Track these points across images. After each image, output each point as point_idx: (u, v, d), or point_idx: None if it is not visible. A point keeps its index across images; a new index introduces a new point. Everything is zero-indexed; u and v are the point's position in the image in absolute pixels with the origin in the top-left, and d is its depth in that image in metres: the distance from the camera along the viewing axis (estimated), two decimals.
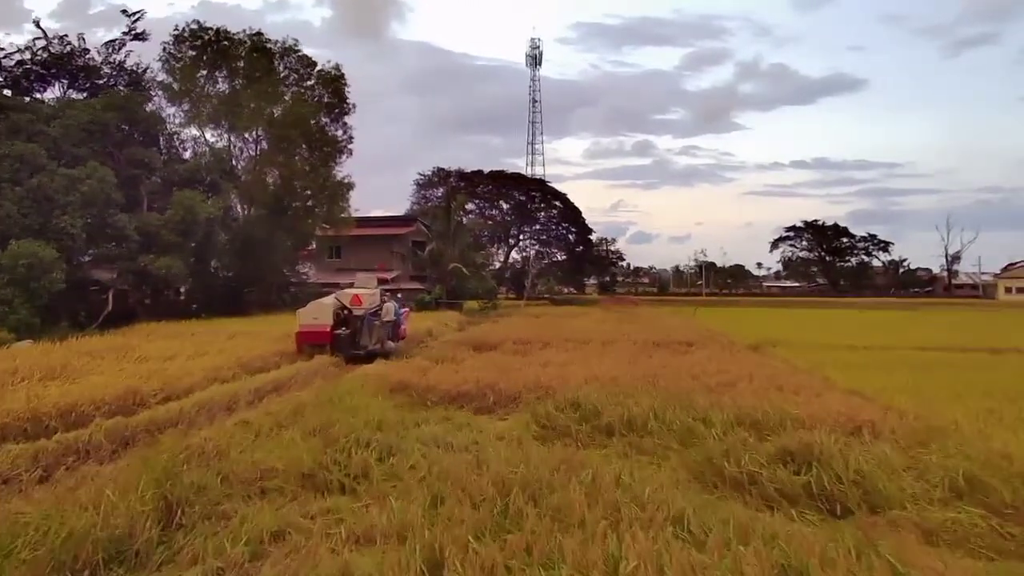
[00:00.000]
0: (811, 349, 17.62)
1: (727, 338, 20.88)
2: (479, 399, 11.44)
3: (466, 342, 20.42)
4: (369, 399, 11.03)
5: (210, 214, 28.10)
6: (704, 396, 9.83)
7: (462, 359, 15.91)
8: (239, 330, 21.88)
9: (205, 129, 35.64)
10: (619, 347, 17.77)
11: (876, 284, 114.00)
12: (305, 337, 17.62)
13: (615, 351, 16.86)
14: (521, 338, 20.35)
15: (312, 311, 18.00)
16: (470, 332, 25.40)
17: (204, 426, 9.88)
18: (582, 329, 23.73)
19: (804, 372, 13.30)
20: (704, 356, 15.76)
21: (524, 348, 18.00)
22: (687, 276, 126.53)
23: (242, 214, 36.66)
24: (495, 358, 15.77)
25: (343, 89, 37.11)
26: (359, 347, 17.95)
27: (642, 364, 14.34)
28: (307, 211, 37.27)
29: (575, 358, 15.49)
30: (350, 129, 38.09)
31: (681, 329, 23.99)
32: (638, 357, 15.73)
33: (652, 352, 16.91)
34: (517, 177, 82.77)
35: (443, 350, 17.78)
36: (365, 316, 18.30)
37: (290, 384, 13.61)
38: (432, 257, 44.06)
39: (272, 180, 36.18)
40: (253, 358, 15.54)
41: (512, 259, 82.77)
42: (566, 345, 18.58)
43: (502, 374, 12.80)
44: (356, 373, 14.40)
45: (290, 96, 35.93)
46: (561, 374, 12.73)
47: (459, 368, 13.92)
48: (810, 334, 23.21)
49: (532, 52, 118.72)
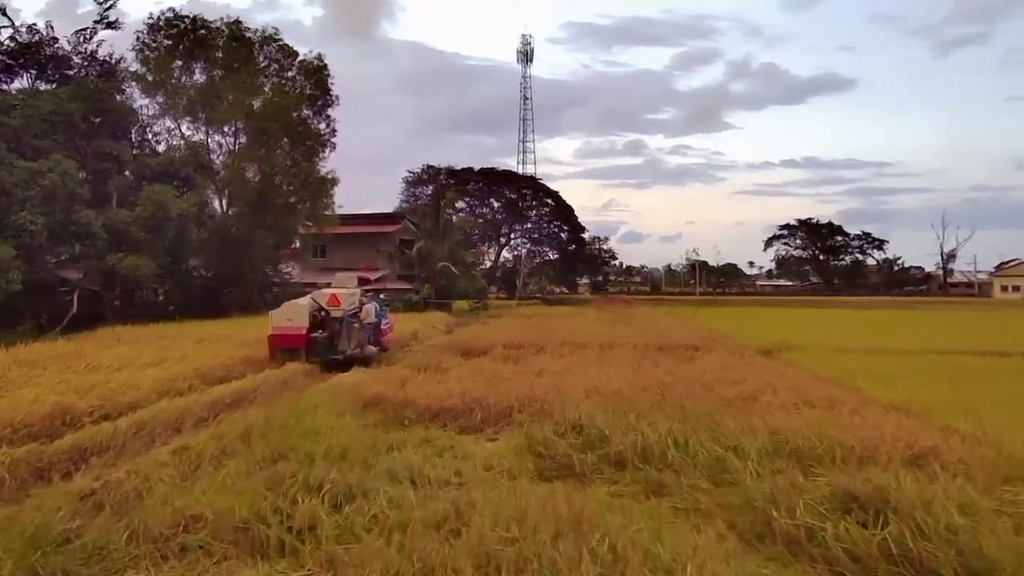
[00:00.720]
0: (827, 354, 16.21)
1: (733, 341, 19.48)
2: (465, 416, 9.97)
3: (453, 346, 18.94)
4: (337, 418, 9.57)
5: (183, 210, 26.48)
6: (727, 414, 8.38)
7: (448, 367, 14.44)
8: (210, 333, 20.33)
9: (181, 122, 33.99)
10: (619, 352, 16.32)
11: (870, 283, 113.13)
12: (278, 341, 16.09)
13: (615, 357, 15.42)
14: (512, 342, 18.89)
15: (286, 312, 16.47)
16: (458, 335, 23.92)
17: (138, 452, 8.39)
18: (577, 331, 22.28)
19: (831, 382, 11.87)
20: (713, 362, 14.34)
21: (516, 353, 16.53)
22: (681, 275, 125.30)
23: (221, 211, 35.02)
24: (484, 365, 14.30)
25: (326, 80, 35.47)
26: (337, 351, 16.48)
27: (647, 372, 12.91)
28: (289, 208, 35.56)
29: (572, 365, 14.03)
30: (334, 122, 36.56)
31: (682, 331, 22.58)
32: (641, 364, 14.29)
33: (656, 358, 15.47)
34: (508, 175, 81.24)
35: (427, 356, 16.29)
36: (344, 318, 16.78)
37: (253, 397, 12.10)
38: (420, 256, 42.49)
39: (252, 175, 34.52)
40: (216, 366, 14.02)
41: (503, 258, 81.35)
42: (561, 350, 17.13)
43: (491, 385, 11.36)
44: (328, 384, 12.92)
45: (270, 87, 34.27)
46: (557, 385, 11.28)
47: (443, 378, 12.45)
48: (819, 336, 21.85)
49: (523, 48, 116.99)
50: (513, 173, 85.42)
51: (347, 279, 19.07)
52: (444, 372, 13.46)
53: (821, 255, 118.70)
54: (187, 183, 29.31)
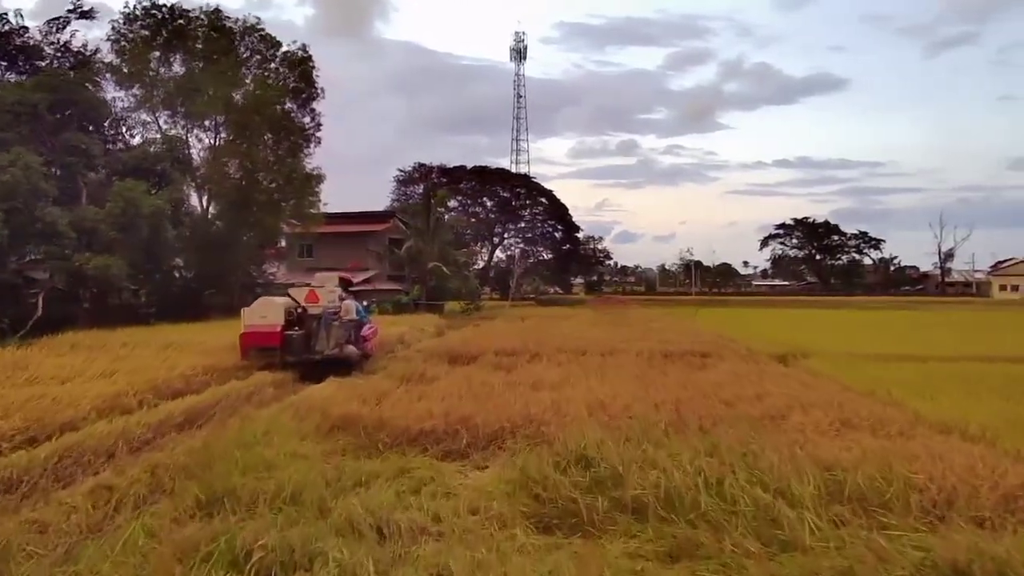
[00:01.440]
0: (847, 360, 14.83)
1: (741, 346, 18.12)
2: (450, 439, 8.57)
3: (441, 352, 17.54)
4: (298, 442, 8.17)
5: (156, 207, 24.94)
6: (763, 440, 7.00)
7: (433, 376, 13.02)
8: (181, 338, 18.76)
9: (159, 116, 32.29)
10: (622, 359, 14.93)
11: (866, 282, 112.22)
12: (251, 339, 14.81)
13: (618, 365, 14.03)
14: (505, 347, 17.50)
15: (259, 309, 15.17)
16: (447, 339, 22.51)
17: (50, 490, 6.96)
18: (575, 335, 20.88)
19: (864, 395, 10.50)
20: (727, 372, 12.97)
21: (509, 361, 15.13)
22: (677, 275, 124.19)
23: (201, 208, 33.45)
24: (473, 375, 12.88)
25: (311, 72, 33.85)
26: (314, 351, 15.04)
27: (656, 384, 11.52)
28: (273, 205, 33.88)
29: (571, 375, 12.64)
30: (319, 116, 34.87)
31: (686, 334, 21.21)
32: (648, 373, 12.92)
33: (663, 366, 14.09)
34: (501, 173, 79.78)
35: (412, 364, 14.87)
36: (323, 315, 15.36)
37: (209, 414, 10.67)
38: (410, 256, 40.99)
39: (233, 171, 32.95)
40: (174, 378, 12.54)
41: (496, 258, 79.87)
42: (559, 356, 15.72)
43: (481, 401, 9.96)
44: (297, 398, 11.48)
45: (252, 79, 32.70)
46: (556, 401, 9.89)
47: (427, 391, 11.02)
48: (830, 339, 20.51)
49: (516, 46, 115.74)
50: (506, 171, 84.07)
51: (327, 279, 17.52)
52: (429, 383, 12.04)
53: (817, 254, 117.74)
54: (163, 179, 27.77)
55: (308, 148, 34.96)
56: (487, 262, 77.11)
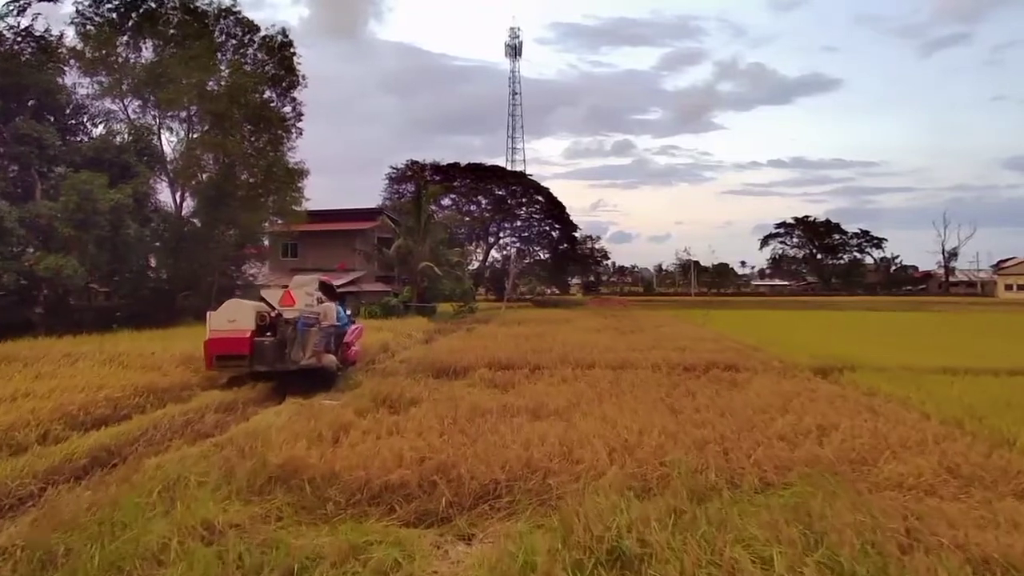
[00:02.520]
0: (905, 376, 12.59)
1: (770, 355, 15.90)
2: (424, 495, 6.36)
3: (427, 364, 15.31)
4: (217, 507, 5.94)
5: (116, 201, 22.67)
6: (868, 516, 4.82)
7: (413, 398, 10.78)
8: (133, 348, 16.40)
9: (129, 105, 29.94)
10: (638, 375, 12.68)
11: (867, 282, 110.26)
12: (216, 347, 12.92)
13: (635, 383, 11.79)
14: (500, 358, 15.27)
15: (227, 313, 13.30)
16: (436, 347, 20.28)
17: None
18: (578, 343, 18.62)
19: (955, 427, 8.27)
20: (767, 391, 10.75)
21: (504, 377, 12.87)
22: (675, 275, 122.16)
23: (174, 204, 31.17)
24: (462, 397, 10.65)
25: (291, 58, 31.60)
26: (289, 361, 13.21)
27: (686, 410, 9.32)
28: (252, 202, 31.56)
29: (580, 396, 10.42)
30: (300, 105, 32.61)
31: (702, 342, 18.98)
32: (673, 393, 10.69)
33: (688, 383, 11.86)
34: (497, 170, 77.47)
35: (390, 381, 12.60)
36: (299, 319, 13.54)
37: (125, 452, 8.43)
38: (400, 255, 38.69)
39: (209, 164, 30.65)
40: (98, 401, 10.30)
41: (491, 258, 77.63)
42: (563, 370, 13.49)
43: (468, 439, 7.76)
44: (239, 431, 9.22)
45: (227, 65, 30.39)
46: (565, 437, 7.67)
47: (401, 421, 8.79)
48: (867, 347, 18.37)
49: (512, 42, 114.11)
50: (502, 168, 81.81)
51: (306, 281, 15.45)
52: (405, 410, 9.81)
53: (818, 254, 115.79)
54: (127, 172, 25.47)
55: (290, 140, 32.71)
56: (482, 262, 74.93)
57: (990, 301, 76.01)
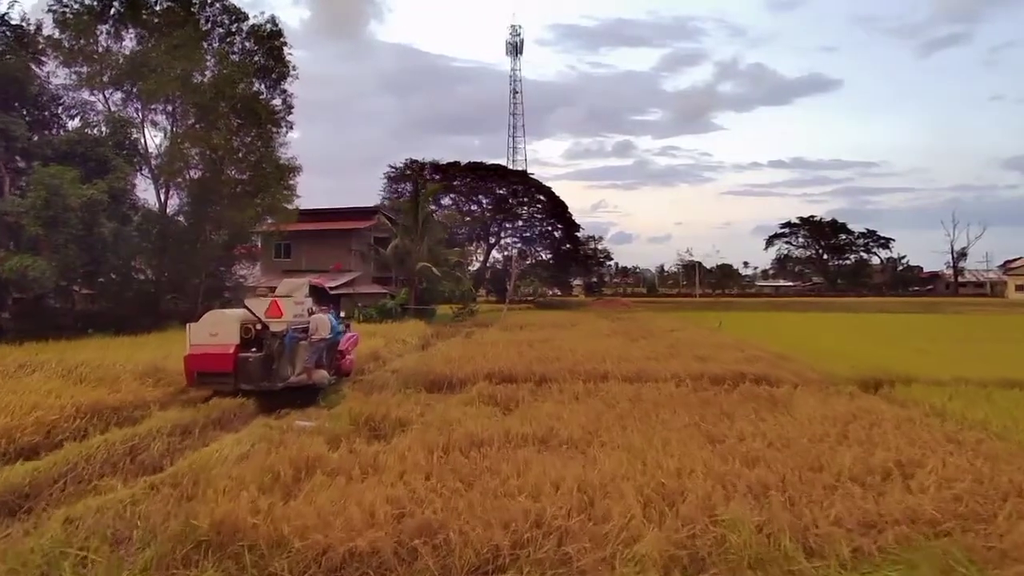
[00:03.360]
0: (966, 390, 10.99)
1: (804, 365, 14.27)
2: (400, 569, 4.77)
3: (420, 375, 13.72)
4: None
5: (88, 197, 21.06)
6: None
7: (399, 420, 9.19)
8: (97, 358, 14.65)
9: (110, 97, 28.25)
10: (661, 391, 11.04)
11: (874, 283, 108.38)
12: (197, 363, 11.87)
13: (659, 401, 10.17)
14: (502, 369, 13.66)
15: (208, 326, 12.25)
16: (432, 354, 18.69)
17: None
18: (588, 350, 16.95)
19: None
20: (817, 413, 9.12)
21: (507, 392, 11.23)
22: (678, 276, 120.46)
23: (159, 202, 29.55)
24: (457, 420, 9.02)
25: (281, 49, 29.93)
26: (276, 377, 12.18)
27: (728, 439, 7.72)
28: (240, 199, 29.87)
29: (598, 419, 8.79)
30: (291, 97, 30.94)
31: (723, 349, 17.33)
32: (706, 415, 9.06)
33: (718, 400, 10.25)
34: (497, 169, 75.68)
35: (375, 399, 10.98)
36: (287, 332, 12.53)
37: (40, 496, 6.84)
38: (397, 255, 37.03)
39: (195, 160, 28.98)
40: (26, 425, 8.71)
41: (492, 259, 75.91)
42: (573, 385, 11.87)
43: (462, 483, 6.15)
44: (182, 468, 7.59)
45: (214, 55, 28.74)
46: (585, 481, 6.06)
47: (381, 455, 7.16)
48: (902, 353, 16.78)
49: (513, 40, 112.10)
50: (503, 167, 79.93)
51: (296, 285, 14.20)
52: (388, 436, 8.22)
53: (824, 254, 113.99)
54: (105, 167, 23.86)
55: (280, 134, 31.05)
56: (482, 263, 73.27)
57: (1002, 302, 74.29)
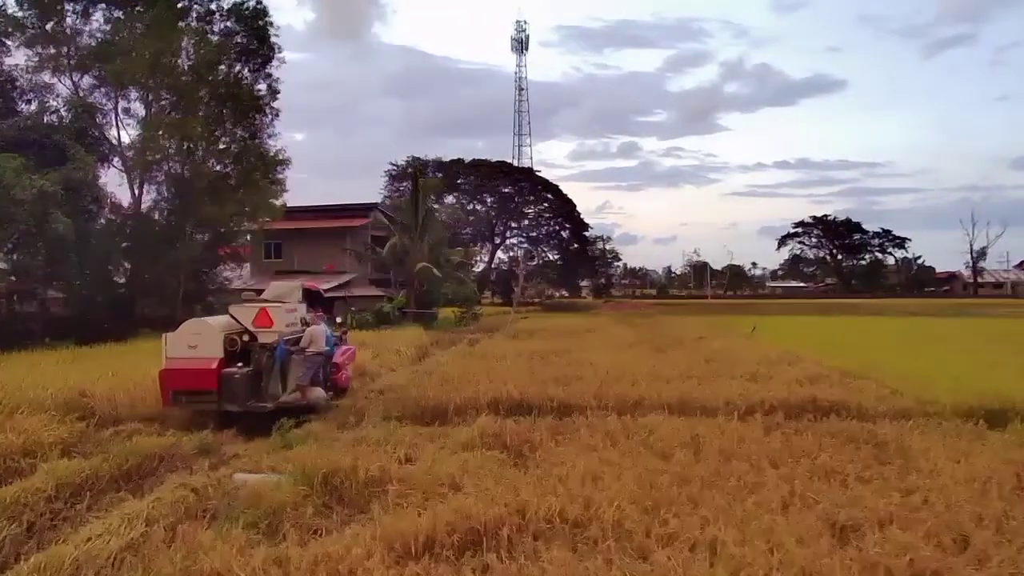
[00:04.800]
0: None
1: (884, 387, 11.53)
2: None
3: (410, 401, 11.06)
4: None
5: (39, 190, 18.48)
6: None
7: (367, 482, 6.51)
8: (17, 379, 12.08)
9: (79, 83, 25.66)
10: (727, 433, 8.24)
11: (889, 283, 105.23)
12: (175, 380, 10.40)
13: (729, 448, 7.44)
14: (511, 392, 10.90)
15: (187, 336, 10.71)
16: (429, 368, 16.08)
17: None
18: (612, 366, 14.13)
19: None
20: (961, 473, 6.43)
21: (519, 430, 8.45)
22: (688, 277, 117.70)
23: (133, 198, 27.01)
24: (448, 478, 6.35)
25: (266, 29, 27.28)
26: (266, 396, 10.90)
27: (860, 523, 5.03)
28: (220, 193, 27.21)
29: (654, 487, 6.10)
30: (276, 82, 28.30)
31: (776, 365, 14.48)
32: (805, 474, 6.36)
33: (809, 446, 7.53)
34: (503, 167, 72.94)
35: (346, 439, 8.31)
36: (278, 345, 11.24)
37: None
38: (395, 255, 34.34)
39: (171, 150, 26.39)
40: None
41: (497, 260, 73.18)
42: (605, 419, 9.13)
43: None
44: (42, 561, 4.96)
45: (191, 36, 26.11)
46: None
47: (337, 543, 4.51)
48: (994, 369, 14.04)
49: (518, 36, 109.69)
50: (508, 164, 77.22)
51: (288, 289, 12.68)
52: (345, 519, 5.57)
53: (839, 254, 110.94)
54: (64, 155, 21.28)
55: (266, 124, 28.46)
56: (487, 264, 70.58)
57: None
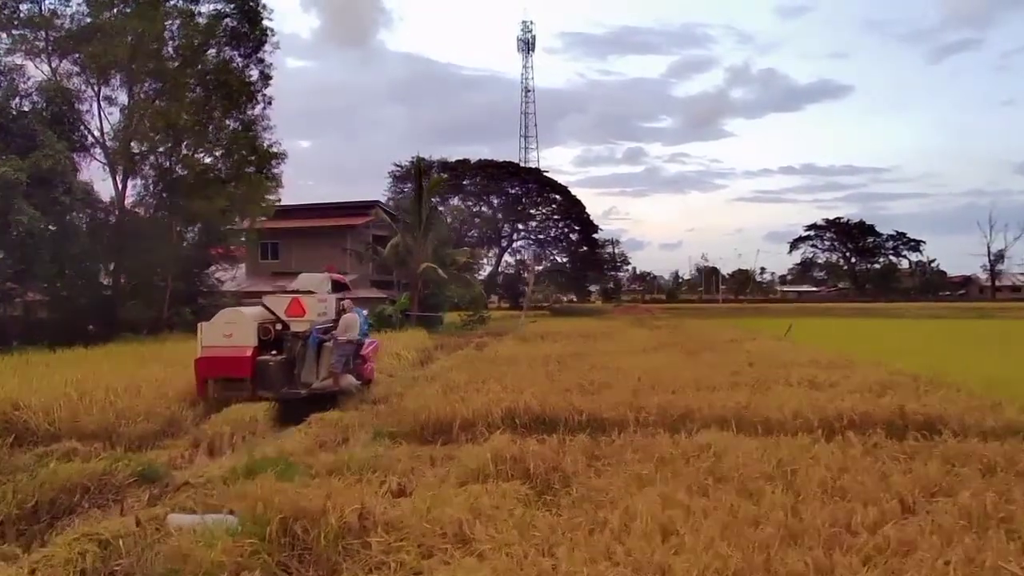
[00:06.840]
0: None
1: (973, 396, 9.59)
2: None
3: (408, 413, 9.13)
4: None
5: None
6: None
7: (341, 527, 4.61)
8: None
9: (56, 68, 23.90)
10: (820, 458, 6.24)
11: (904, 287, 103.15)
12: (210, 367, 10.80)
13: (831, 483, 5.49)
14: (530, 404, 8.91)
15: (222, 325, 11.23)
16: (432, 374, 14.31)
17: None
18: (643, 371, 12.06)
19: None
20: None
21: (544, 456, 6.49)
22: (697, 281, 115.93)
23: (116, 192, 25.25)
24: (454, 530, 4.45)
25: (258, 11, 25.46)
26: (299, 383, 11.35)
27: None
28: (208, 187, 25.41)
29: (750, 549, 4.20)
30: (269, 68, 26.47)
31: (834, 369, 12.51)
32: (957, 529, 4.45)
33: (934, 475, 5.58)
34: (510, 167, 71.10)
35: (323, 462, 6.42)
36: (311, 333, 11.66)
37: None
38: (397, 255, 32.50)
39: (157, 140, 24.65)
40: None
41: (504, 263, 71.33)
42: (652, 436, 7.22)
43: None
44: None
45: (176, 18, 24.37)
46: None
47: None
48: None
49: (524, 36, 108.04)
50: (515, 165, 75.32)
51: (317, 281, 13.13)
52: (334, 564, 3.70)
53: (852, 257, 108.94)
54: (32, 143, 19.51)
55: (258, 112, 26.70)
56: (494, 267, 68.74)
57: None
